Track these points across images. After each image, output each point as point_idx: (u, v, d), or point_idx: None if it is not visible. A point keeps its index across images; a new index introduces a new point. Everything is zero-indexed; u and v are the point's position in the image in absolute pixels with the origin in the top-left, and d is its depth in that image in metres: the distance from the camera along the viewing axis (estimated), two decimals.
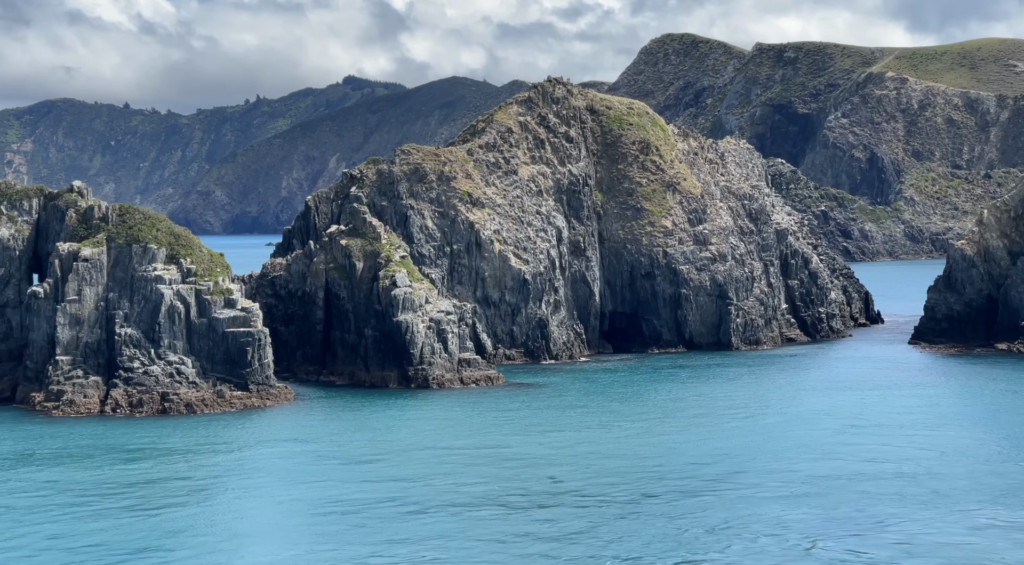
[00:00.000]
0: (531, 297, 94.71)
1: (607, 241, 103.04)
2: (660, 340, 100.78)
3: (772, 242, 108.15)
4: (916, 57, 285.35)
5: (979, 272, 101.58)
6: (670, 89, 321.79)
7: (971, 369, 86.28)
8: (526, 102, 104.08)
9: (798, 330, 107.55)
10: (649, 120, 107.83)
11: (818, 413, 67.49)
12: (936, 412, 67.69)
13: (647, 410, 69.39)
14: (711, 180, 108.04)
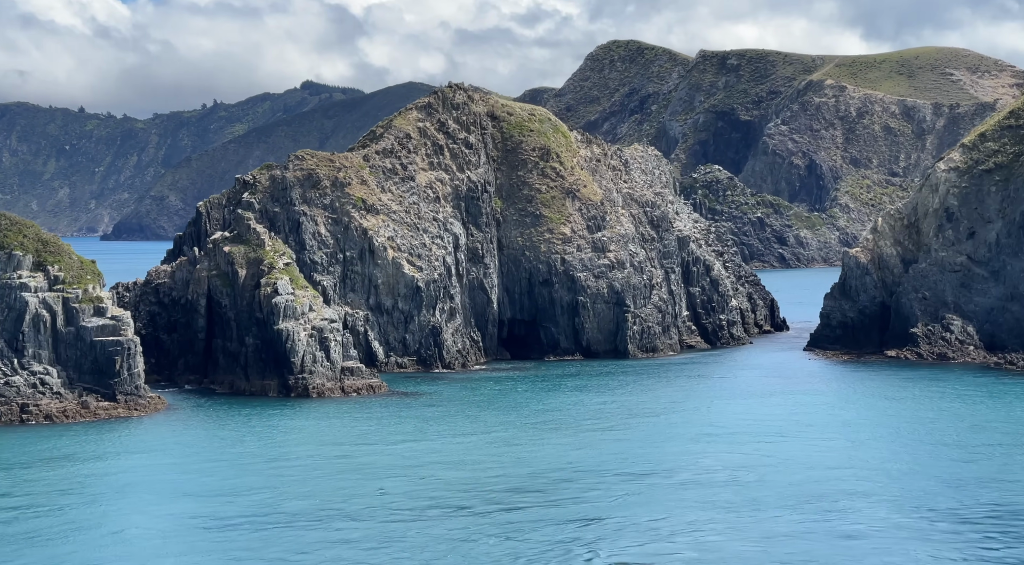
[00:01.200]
0: (424, 304, 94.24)
1: (506, 248, 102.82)
2: (558, 348, 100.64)
3: (674, 249, 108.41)
4: (856, 65, 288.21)
5: (873, 280, 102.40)
6: (616, 95, 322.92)
7: (854, 376, 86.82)
8: (425, 108, 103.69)
9: (699, 337, 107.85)
10: (551, 126, 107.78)
11: (680, 422, 67.49)
12: (798, 420, 67.94)
13: (515, 419, 69.09)
14: (613, 187, 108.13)
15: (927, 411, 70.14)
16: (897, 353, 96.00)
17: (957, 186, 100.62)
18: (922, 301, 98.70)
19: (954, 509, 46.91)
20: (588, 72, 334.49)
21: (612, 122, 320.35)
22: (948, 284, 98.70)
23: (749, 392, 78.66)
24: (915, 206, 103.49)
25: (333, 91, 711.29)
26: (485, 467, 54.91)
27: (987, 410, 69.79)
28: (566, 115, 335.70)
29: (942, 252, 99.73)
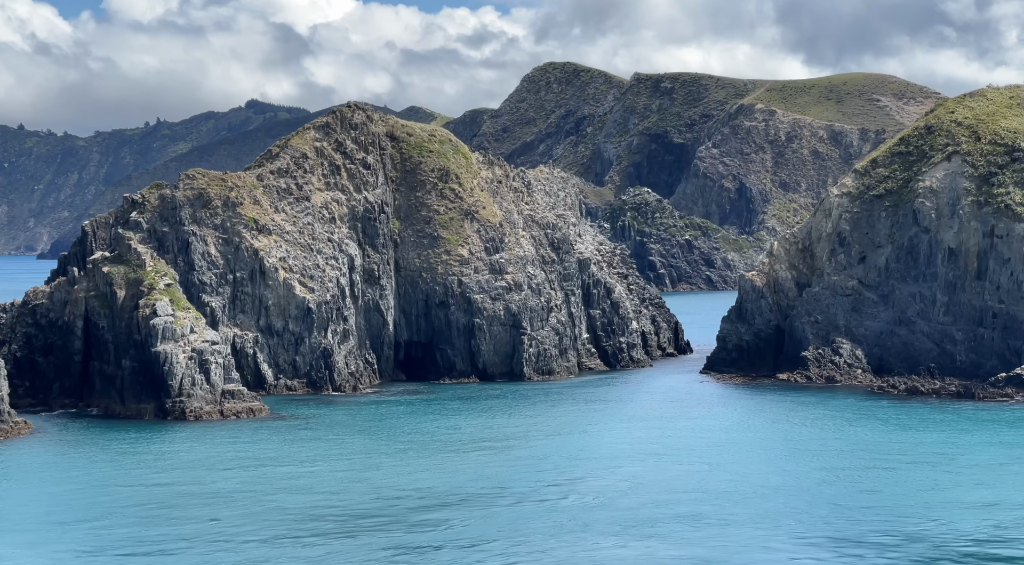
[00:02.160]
0: (316, 326, 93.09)
1: (403, 269, 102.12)
2: (454, 370, 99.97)
3: (574, 271, 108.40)
4: (786, 90, 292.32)
5: (768, 303, 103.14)
6: (552, 117, 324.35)
7: (740, 399, 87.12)
8: (323, 128, 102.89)
9: (598, 360, 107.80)
10: (451, 147, 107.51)
11: (552, 446, 67.01)
12: (671, 443, 67.75)
13: (383, 444, 68.20)
14: (514, 209, 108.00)
15: (798, 434, 70.40)
16: (788, 376, 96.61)
17: (849, 211, 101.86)
18: (814, 324, 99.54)
19: (795, 532, 46.83)
20: (525, 93, 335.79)
21: (548, 144, 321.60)
22: (840, 308, 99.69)
23: (632, 415, 78.51)
24: (809, 230, 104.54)
25: (278, 110, 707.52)
26: (331, 493, 53.96)
27: (855, 433, 70.18)
28: (503, 136, 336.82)
29: (834, 276, 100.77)
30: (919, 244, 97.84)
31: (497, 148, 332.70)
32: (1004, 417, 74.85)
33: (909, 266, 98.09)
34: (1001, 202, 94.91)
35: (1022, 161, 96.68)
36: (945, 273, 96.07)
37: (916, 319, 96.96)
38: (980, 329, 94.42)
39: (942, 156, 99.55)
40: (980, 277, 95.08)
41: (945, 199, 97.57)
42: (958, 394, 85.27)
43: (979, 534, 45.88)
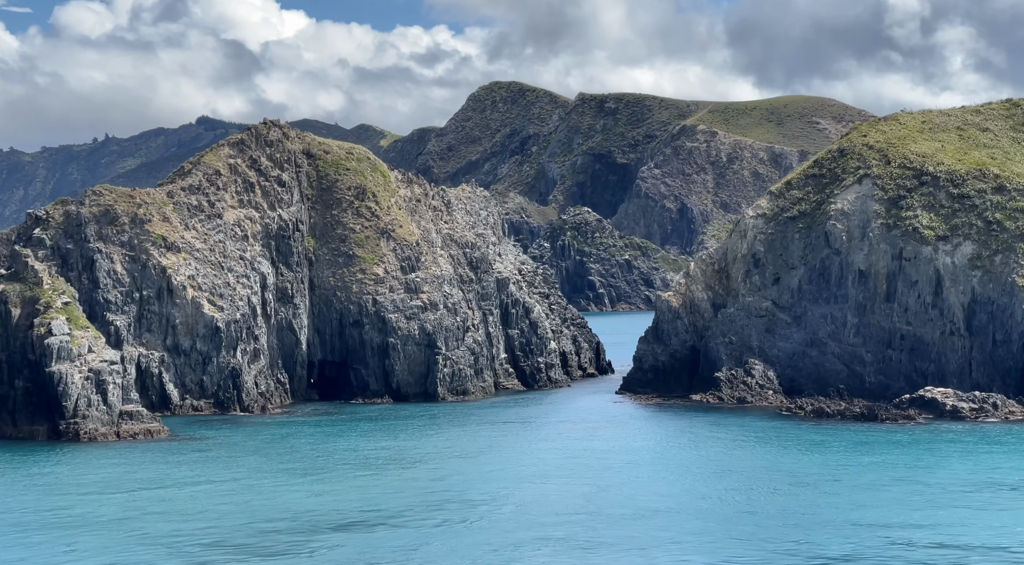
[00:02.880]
0: (224, 345, 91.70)
1: (318, 288, 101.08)
2: (367, 390, 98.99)
3: (493, 291, 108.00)
4: (728, 111, 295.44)
5: (684, 324, 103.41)
6: (497, 136, 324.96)
7: (647, 420, 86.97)
8: (238, 144, 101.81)
9: (516, 380, 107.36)
10: (369, 165, 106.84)
11: (441, 469, 66.24)
12: (567, 465, 67.25)
13: (275, 465, 67.02)
14: (433, 227, 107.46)
15: (694, 456, 70.27)
16: (702, 397, 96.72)
17: (764, 232, 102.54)
18: (728, 345, 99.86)
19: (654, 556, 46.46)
20: (470, 112, 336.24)
21: (493, 162, 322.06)
22: (754, 329, 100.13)
23: (535, 437, 77.98)
24: (725, 252, 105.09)
25: (229, 127, 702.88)
26: (203, 518, 52.79)
27: (749, 455, 70.18)
28: (448, 155, 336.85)
29: (749, 297, 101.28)
30: (830, 266, 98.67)
31: (442, 167, 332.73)
32: (899, 439, 75.33)
33: (821, 288, 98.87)
34: (909, 225, 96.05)
35: (930, 185, 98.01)
36: (855, 295, 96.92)
37: (827, 340, 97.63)
38: (888, 351, 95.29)
39: (853, 179, 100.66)
40: (889, 299, 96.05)
41: (856, 222, 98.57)
42: (862, 415, 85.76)
43: (838, 553, 45.84)
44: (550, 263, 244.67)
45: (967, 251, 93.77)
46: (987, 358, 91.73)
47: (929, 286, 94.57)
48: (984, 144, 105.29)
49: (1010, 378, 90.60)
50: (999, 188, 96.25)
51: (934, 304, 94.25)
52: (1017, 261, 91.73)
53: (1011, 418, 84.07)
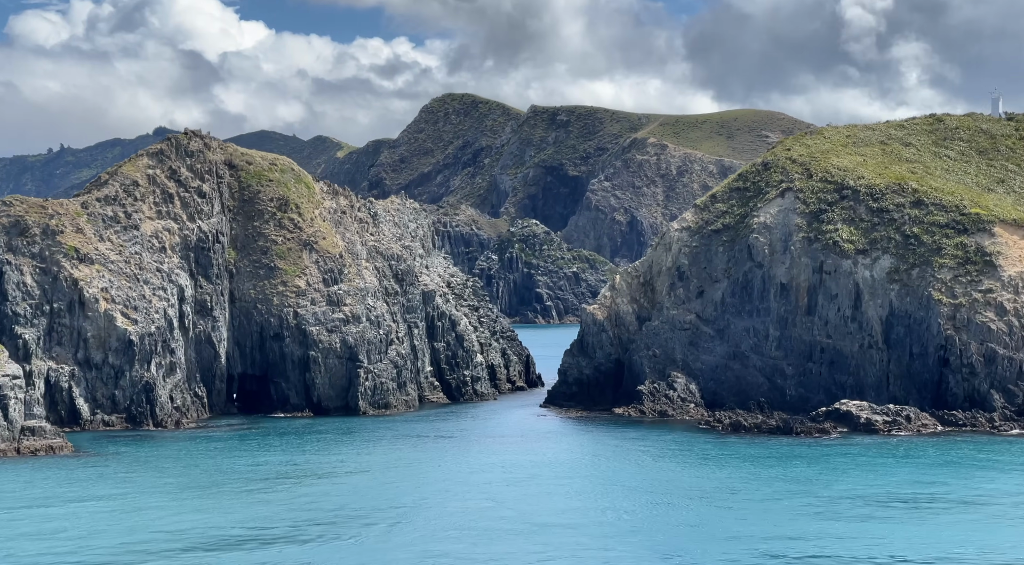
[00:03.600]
0: (138, 359, 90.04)
1: (239, 301, 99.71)
2: (288, 404, 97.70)
3: (418, 303, 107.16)
4: (679, 124, 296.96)
5: (608, 337, 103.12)
6: (449, 148, 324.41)
7: (564, 434, 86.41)
8: (157, 155, 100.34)
9: (441, 393, 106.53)
10: (292, 176, 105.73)
11: (336, 485, 65.20)
12: (468, 479, 66.48)
13: (171, 481, 65.62)
14: (358, 239, 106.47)
15: (598, 470, 69.76)
16: (624, 410, 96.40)
17: (688, 245, 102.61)
18: (652, 358, 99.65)
19: None
20: (423, 124, 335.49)
21: (445, 175, 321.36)
22: (678, 342, 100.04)
23: (446, 450, 77.04)
24: (650, 264, 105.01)
25: None
26: (77, 538, 51.40)
27: (654, 470, 69.72)
28: (400, 166, 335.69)
29: (673, 310, 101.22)
30: (753, 279, 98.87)
31: (395, 178, 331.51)
32: (807, 452, 75.32)
33: (744, 301, 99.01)
34: (829, 239, 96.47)
35: (850, 199, 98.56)
36: (777, 308, 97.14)
37: (749, 353, 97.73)
38: (809, 364, 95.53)
39: (776, 192, 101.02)
40: (810, 312, 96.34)
41: (778, 235, 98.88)
42: (778, 429, 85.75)
43: None
44: (498, 275, 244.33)
45: (885, 265, 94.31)
46: (904, 371, 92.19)
47: (848, 299, 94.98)
48: (906, 158, 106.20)
49: (926, 391, 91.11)
50: (917, 202, 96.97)
51: (853, 317, 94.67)
52: (934, 275, 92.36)
53: (923, 431, 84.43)
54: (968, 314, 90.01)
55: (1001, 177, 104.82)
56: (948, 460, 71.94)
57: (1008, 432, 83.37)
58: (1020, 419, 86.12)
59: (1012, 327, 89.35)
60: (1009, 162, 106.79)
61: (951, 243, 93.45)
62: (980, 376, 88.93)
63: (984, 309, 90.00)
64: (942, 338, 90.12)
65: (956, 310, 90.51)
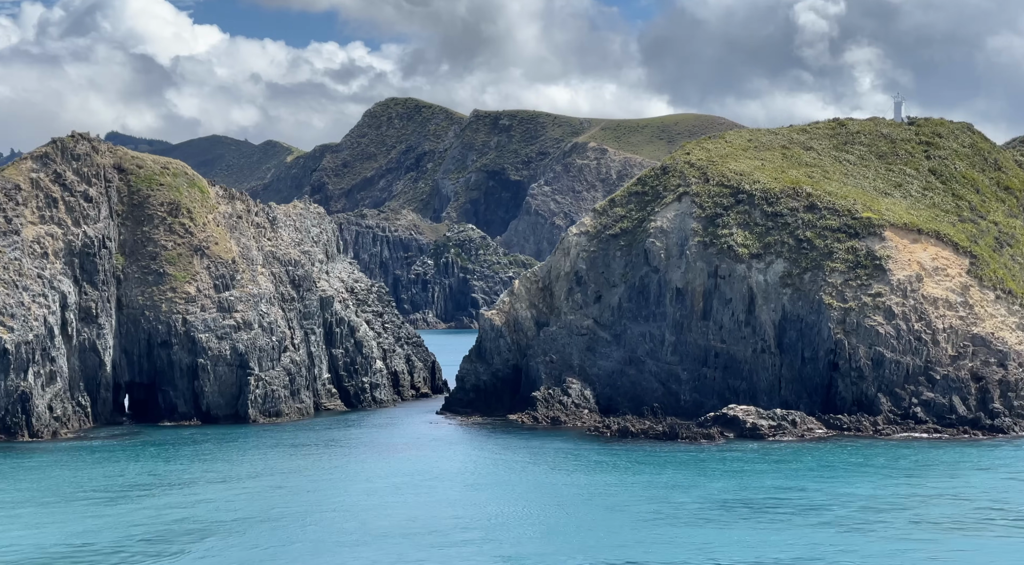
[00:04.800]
0: (13, 368, 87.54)
1: (126, 307, 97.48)
2: (175, 412, 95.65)
3: (315, 310, 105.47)
4: (620, 129, 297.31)
5: (507, 342, 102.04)
6: (392, 152, 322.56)
7: (451, 441, 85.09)
8: (41, 158, 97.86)
9: (339, 400, 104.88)
10: (185, 181, 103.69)
11: (194, 497, 63.48)
12: (326, 491, 65.02)
13: (14, 496, 63.51)
14: (254, 245, 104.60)
15: (463, 479, 68.55)
16: (518, 417, 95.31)
17: (586, 250, 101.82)
18: (549, 364, 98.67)
19: None
20: (366, 129, 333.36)
21: (388, 179, 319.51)
22: (575, 347, 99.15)
23: (319, 458, 75.53)
24: (549, 269, 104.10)
25: (139, 142, 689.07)
26: None
27: (521, 478, 68.61)
28: (343, 171, 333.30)
29: (570, 315, 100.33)
30: (649, 284, 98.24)
31: (337, 183, 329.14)
32: (684, 458, 74.62)
33: (640, 306, 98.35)
34: (724, 243, 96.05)
35: (745, 203, 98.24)
36: (673, 313, 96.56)
37: (645, 359, 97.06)
38: (704, 368, 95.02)
39: (673, 197, 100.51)
40: (705, 317, 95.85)
41: (674, 239, 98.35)
42: (664, 434, 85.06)
43: None
44: (434, 280, 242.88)
45: (779, 269, 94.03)
46: (796, 375, 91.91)
47: (742, 304, 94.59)
48: (807, 163, 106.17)
49: (816, 395, 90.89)
50: (811, 207, 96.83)
51: (747, 322, 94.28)
52: (825, 279, 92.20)
53: (807, 436, 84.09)
54: (857, 318, 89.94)
55: (899, 181, 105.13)
56: (820, 464, 71.52)
57: (890, 436, 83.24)
58: (905, 422, 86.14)
59: (900, 331, 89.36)
60: (907, 166, 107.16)
61: (842, 247, 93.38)
62: (868, 380, 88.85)
63: (873, 313, 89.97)
64: (832, 342, 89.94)
65: (846, 314, 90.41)
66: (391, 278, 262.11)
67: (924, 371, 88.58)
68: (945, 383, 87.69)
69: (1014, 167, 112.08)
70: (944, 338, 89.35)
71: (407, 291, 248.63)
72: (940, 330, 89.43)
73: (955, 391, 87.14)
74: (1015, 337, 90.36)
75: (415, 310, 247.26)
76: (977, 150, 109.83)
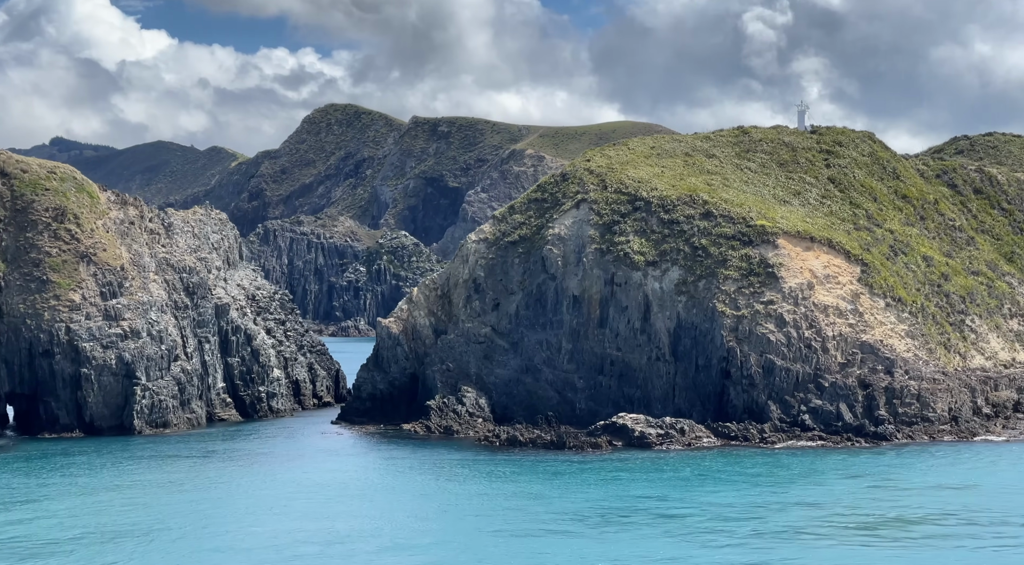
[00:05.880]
0: None
1: (7, 316, 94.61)
2: (58, 424, 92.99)
3: (210, 318, 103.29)
4: (558, 136, 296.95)
5: (404, 350, 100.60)
6: (331, 159, 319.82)
7: (335, 453, 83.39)
8: None
9: (234, 410, 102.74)
10: (73, 186, 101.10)
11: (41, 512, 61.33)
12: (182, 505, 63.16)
13: None
14: (147, 251, 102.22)
15: (326, 492, 67.02)
16: (411, 426, 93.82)
17: (485, 257, 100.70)
18: (445, 372, 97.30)
19: None
20: (304, 135, 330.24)
21: (327, 186, 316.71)
22: (472, 355, 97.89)
23: (188, 471, 73.56)
24: (448, 276, 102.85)
25: (84, 148, 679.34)
26: None
27: (374, 491, 67.21)
28: (281, 177, 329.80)
29: (468, 323, 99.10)
30: (547, 291, 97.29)
31: (275, 189, 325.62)
32: (560, 468, 73.58)
33: (538, 313, 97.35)
34: (621, 250, 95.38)
35: (643, 210, 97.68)
36: (570, 321, 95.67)
37: (542, 367, 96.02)
38: (600, 376, 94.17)
39: (572, 204, 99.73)
40: (602, 325, 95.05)
41: (572, 246, 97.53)
42: (552, 444, 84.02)
43: None
44: (366, 287, 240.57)
45: (674, 277, 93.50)
46: (690, 383, 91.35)
47: (638, 312, 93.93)
48: (708, 170, 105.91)
49: (709, 403, 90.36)
50: (707, 214, 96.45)
51: (643, 329, 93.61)
52: (719, 286, 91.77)
53: (695, 444, 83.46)
54: (749, 326, 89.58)
55: (798, 189, 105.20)
56: (695, 474, 70.83)
57: (774, 445, 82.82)
58: (792, 430, 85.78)
59: (791, 338, 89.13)
60: (807, 174, 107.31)
61: (736, 255, 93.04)
62: (759, 387, 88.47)
63: (765, 321, 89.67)
64: (724, 350, 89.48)
65: (738, 322, 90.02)
66: (326, 285, 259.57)
67: (814, 378, 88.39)
68: (833, 390, 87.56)
69: (913, 176, 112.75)
70: (834, 346, 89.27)
71: (339, 298, 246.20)
72: (830, 338, 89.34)
73: (842, 398, 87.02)
74: (904, 344, 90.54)
75: (347, 317, 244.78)
76: (876, 159, 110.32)
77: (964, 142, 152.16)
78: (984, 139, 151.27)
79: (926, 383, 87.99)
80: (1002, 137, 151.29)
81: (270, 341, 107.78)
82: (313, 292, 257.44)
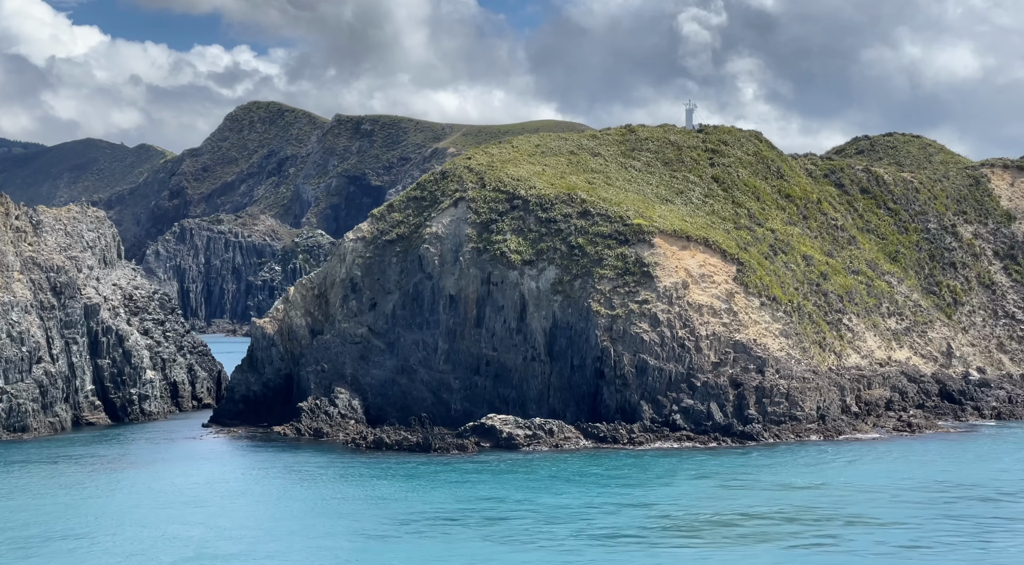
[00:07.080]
0: None
1: None
2: None
3: (79, 318, 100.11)
4: (481, 134, 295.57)
5: (279, 351, 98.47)
6: (254, 157, 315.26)
7: (195, 458, 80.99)
8: None
9: (103, 413, 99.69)
10: None
11: None
12: (22, 514, 60.61)
13: None
14: (12, 250, 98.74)
15: (173, 499, 64.85)
16: (281, 429, 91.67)
17: (362, 256, 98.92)
18: (320, 373, 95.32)
19: None
20: (227, 133, 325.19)
21: (249, 184, 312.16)
22: (348, 356, 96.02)
23: (28, 480, 70.78)
24: (325, 276, 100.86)
25: (13, 145, 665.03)
26: None
27: (216, 497, 65.23)
28: (203, 175, 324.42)
29: (345, 323, 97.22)
30: (423, 291, 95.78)
31: (197, 188, 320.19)
32: (417, 471, 72.10)
33: (415, 313, 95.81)
34: (498, 249, 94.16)
35: (520, 209, 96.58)
36: (446, 320, 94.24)
37: (418, 367, 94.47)
38: (476, 377, 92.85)
39: (450, 202, 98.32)
40: (478, 325, 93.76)
41: (449, 245, 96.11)
42: (417, 446, 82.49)
43: None
44: (280, 287, 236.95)
45: (551, 276, 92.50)
46: (565, 383, 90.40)
47: (515, 311, 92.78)
48: (592, 168, 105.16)
49: (584, 403, 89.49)
50: (584, 213, 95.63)
51: (519, 329, 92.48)
52: (594, 286, 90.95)
53: (563, 446, 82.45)
54: (624, 325, 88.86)
55: (681, 188, 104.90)
56: (547, 475, 69.78)
57: (642, 446, 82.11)
58: (661, 431, 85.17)
59: (664, 338, 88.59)
60: (691, 173, 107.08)
61: (612, 254, 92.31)
62: (632, 387, 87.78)
63: (639, 320, 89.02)
64: (599, 349, 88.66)
65: (613, 321, 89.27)
66: (244, 284, 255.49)
67: (686, 378, 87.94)
68: (705, 390, 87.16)
69: (798, 175, 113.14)
70: (707, 345, 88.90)
71: (254, 298, 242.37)
72: (703, 337, 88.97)
73: (713, 398, 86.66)
74: (777, 344, 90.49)
75: (262, 316, 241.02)
76: (761, 158, 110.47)
77: (864, 142, 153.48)
78: (884, 139, 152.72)
79: (796, 382, 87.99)
80: (901, 137, 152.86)
81: (145, 342, 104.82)
82: (230, 291, 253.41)
